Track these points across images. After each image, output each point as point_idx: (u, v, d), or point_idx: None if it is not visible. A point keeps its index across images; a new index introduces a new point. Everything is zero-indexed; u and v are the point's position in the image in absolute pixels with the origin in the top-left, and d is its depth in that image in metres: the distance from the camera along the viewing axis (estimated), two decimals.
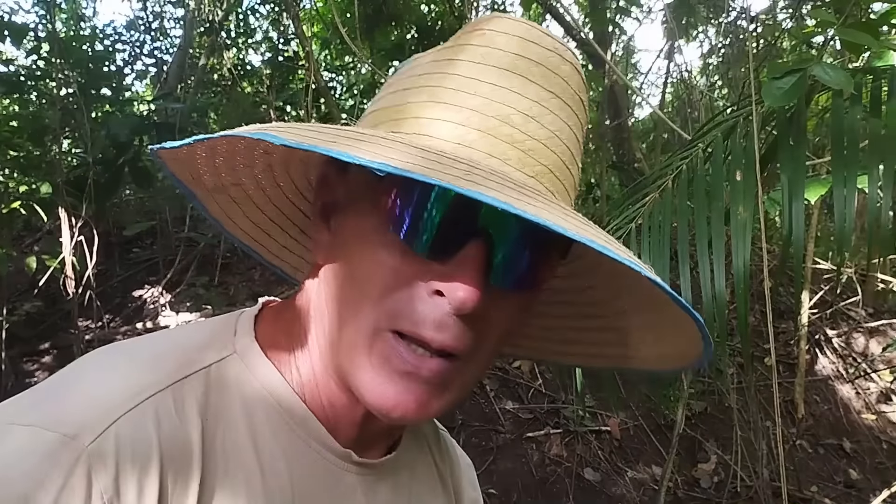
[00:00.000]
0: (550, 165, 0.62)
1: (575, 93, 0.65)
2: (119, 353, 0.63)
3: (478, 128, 0.60)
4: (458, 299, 0.56)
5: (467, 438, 4.11)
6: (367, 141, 0.55)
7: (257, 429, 0.63)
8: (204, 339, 0.66)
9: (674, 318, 0.62)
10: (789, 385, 4.70)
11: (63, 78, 5.09)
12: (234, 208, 0.76)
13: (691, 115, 5.15)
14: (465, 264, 0.57)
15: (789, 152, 1.70)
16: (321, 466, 0.67)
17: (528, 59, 0.63)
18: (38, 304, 4.98)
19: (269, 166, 0.70)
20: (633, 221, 1.93)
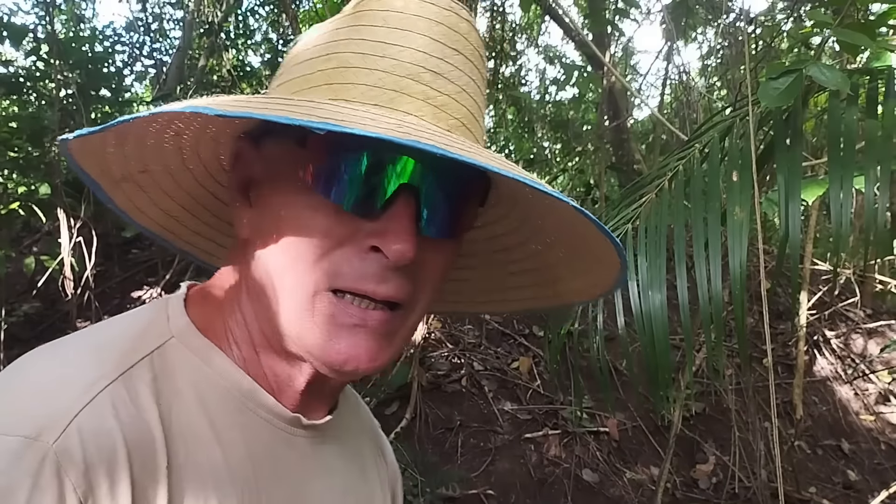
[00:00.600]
0: (462, 118, 0.64)
1: (475, 48, 0.68)
2: (59, 349, 0.63)
3: (392, 88, 0.61)
4: (396, 252, 0.59)
5: (465, 439, 4.11)
6: (297, 105, 0.56)
7: (209, 407, 0.64)
8: (139, 327, 0.66)
9: (588, 247, 0.66)
10: (788, 386, 4.70)
11: (62, 79, 5.09)
12: (142, 197, 0.76)
13: (689, 117, 5.16)
14: (398, 218, 0.60)
15: (786, 153, 1.71)
16: (274, 434, 0.69)
17: (429, 19, 0.65)
18: (36, 305, 4.98)
19: (178, 149, 0.70)
20: (631, 222, 1.93)
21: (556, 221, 0.70)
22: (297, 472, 0.71)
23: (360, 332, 0.62)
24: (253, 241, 0.66)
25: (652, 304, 1.74)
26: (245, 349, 0.68)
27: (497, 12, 8.93)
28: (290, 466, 0.70)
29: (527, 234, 0.77)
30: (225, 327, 0.69)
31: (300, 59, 0.67)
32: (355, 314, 0.61)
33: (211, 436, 0.63)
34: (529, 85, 10.94)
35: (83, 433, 0.54)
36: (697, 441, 4.34)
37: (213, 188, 0.77)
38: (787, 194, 1.66)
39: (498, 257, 0.82)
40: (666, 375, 1.77)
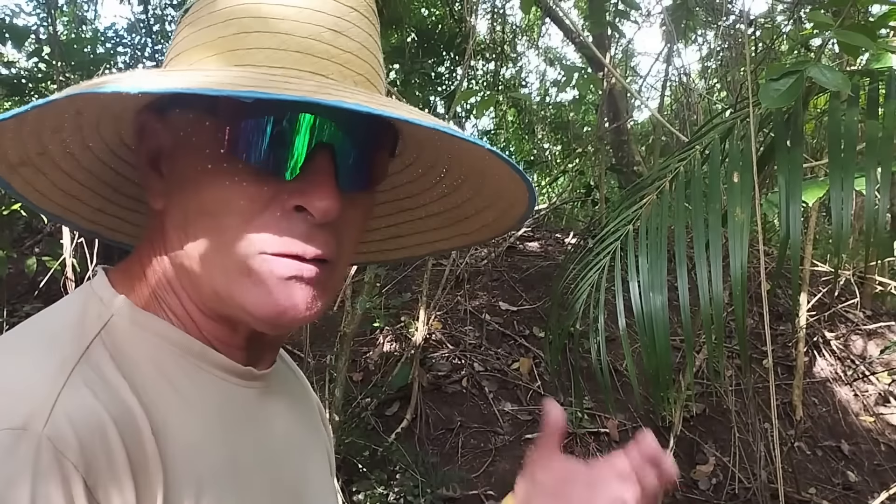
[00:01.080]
0: (365, 74, 0.66)
1: (367, 3, 0.69)
2: (10, 341, 0.63)
3: (295, 49, 0.62)
4: (321, 210, 0.60)
5: (466, 440, 4.12)
6: (204, 73, 0.57)
7: (168, 373, 0.65)
8: (76, 313, 0.65)
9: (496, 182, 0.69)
10: (787, 387, 4.70)
11: (64, 80, 5.10)
12: (41, 179, 0.74)
13: (690, 118, 5.16)
14: (319, 176, 0.61)
15: (786, 154, 1.71)
16: (230, 389, 0.70)
17: None
18: (38, 306, 4.98)
19: (78, 127, 0.69)
20: (632, 223, 1.94)
21: (466, 163, 0.72)
22: (258, 422, 0.73)
23: (295, 284, 0.62)
24: (170, 212, 0.67)
25: (653, 305, 1.75)
26: (182, 316, 0.68)
27: (497, 14, 8.95)
28: (251, 417, 0.72)
29: (434, 178, 0.79)
30: (157, 298, 0.68)
31: (197, 26, 0.67)
32: (288, 269, 0.62)
33: (177, 400, 0.64)
34: (530, 87, 10.95)
35: (70, 414, 0.53)
36: (697, 442, 4.34)
37: (115, 164, 0.76)
38: (788, 196, 1.67)
39: (405, 203, 0.84)
40: (666, 376, 1.77)
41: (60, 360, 0.58)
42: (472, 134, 9.49)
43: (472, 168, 0.73)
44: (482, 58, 8.95)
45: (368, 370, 4.57)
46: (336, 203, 0.61)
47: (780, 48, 5.90)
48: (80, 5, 8.89)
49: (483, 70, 9.26)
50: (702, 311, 1.69)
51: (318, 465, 0.86)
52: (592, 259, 2.13)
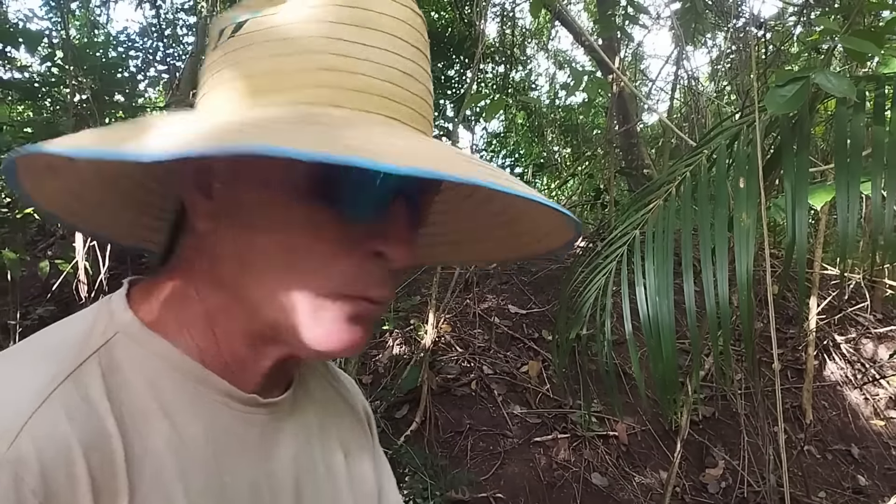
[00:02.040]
0: (426, 115, 0.66)
1: (426, 41, 0.69)
2: (6, 359, 0.62)
3: (378, 94, 0.62)
4: (400, 256, 0.62)
5: (475, 443, 4.13)
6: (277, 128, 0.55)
7: (162, 395, 0.64)
8: (84, 328, 0.65)
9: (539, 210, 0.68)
10: (797, 391, 4.70)
11: (77, 84, 5.14)
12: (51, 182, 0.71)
13: (698, 122, 5.16)
14: (398, 223, 0.63)
15: (793, 159, 1.72)
16: (230, 415, 0.69)
17: (392, 17, 0.65)
18: (51, 309, 5.03)
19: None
20: (638, 228, 1.95)
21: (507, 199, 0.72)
22: (259, 449, 0.72)
23: (358, 322, 0.64)
24: (222, 238, 0.65)
25: (659, 309, 1.76)
26: (200, 337, 0.67)
27: (507, 17, 8.96)
28: (251, 443, 0.71)
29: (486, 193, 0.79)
30: (177, 318, 0.68)
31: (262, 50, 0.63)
32: (351, 310, 0.63)
33: (165, 423, 0.63)
34: (539, 89, 10.96)
35: (36, 439, 0.53)
36: (707, 445, 4.34)
37: (143, 180, 0.76)
38: (794, 201, 1.68)
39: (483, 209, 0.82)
40: (673, 381, 1.78)
41: (46, 379, 0.58)
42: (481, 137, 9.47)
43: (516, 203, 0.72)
44: (492, 61, 8.97)
45: (378, 373, 4.59)
46: (412, 249, 0.63)
47: (789, 50, 5.89)
48: (93, 10, 8.95)
49: (493, 73, 9.29)
50: (708, 316, 1.70)
51: (338, 489, 0.83)
52: (600, 263, 2.14)
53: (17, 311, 4.42)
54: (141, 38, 8.10)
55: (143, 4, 8.50)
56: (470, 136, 16.16)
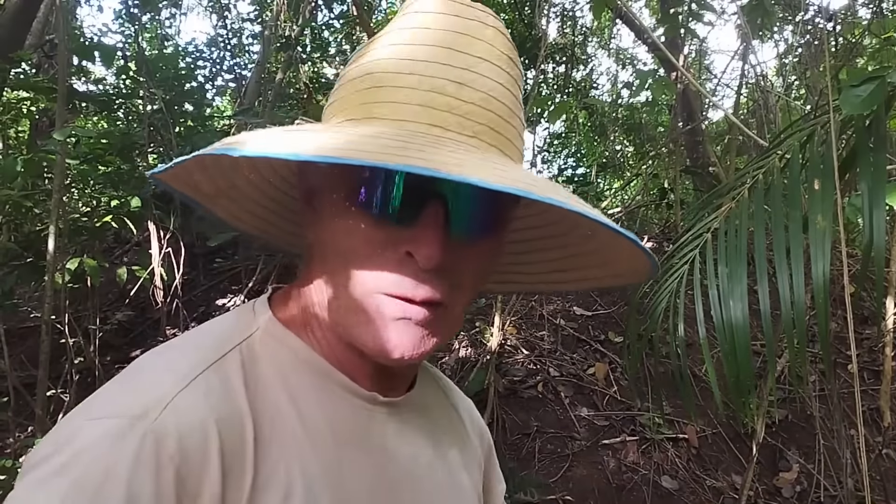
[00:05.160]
0: (489, 123, 0.69)
1: (502, 53, 0.73)
2: (165, 349, 0.72)
3: (417, 103, 0.67)
4: (424, 257, 0.66)
5: (542, 445, 4.13)
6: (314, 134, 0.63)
7: (291, 386, 0.72)
8: (230, 325, 0.75)
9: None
10: (875, 393, 4.56)
11: (149, 95, 5.31)
12: (238, 207, 0.84)
13: (767, 118, 5.06)
14: (427, 225, 0.66)
15: (869, 160, 1.69)
16: (352, 408, 0.76)
17: (453, 31, 0.71)
18: (129, 314, 5.21)
19: (255, 167, 0.79)
20: (710, 231, 1.94)
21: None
22: (378, 442, 0.77)
23: (405, 324, 0.68)
24: (315, 245, 0.74)
25: (733, 312, 1.75)
26: (321, 339, 0.75)
27: (567, 16, 8.92)
28: (371, 436, 0.77)
29: (573, 222, 0.82)
30: (303, 318, 0.76)
31: (344, 79, 0.74)
32: (398, 310, 0.67)
33: (292, 411, 0.71)
34: (601, 88, 10.87)
35: (178, 412, 0.62)
36: (780, 449, 4.26)
37: (294, 195, 0.84)
38: (871, 202, 1.65)
39: (556, 241, 0.87)
40: (747, 384, 1.77)
41: (192, 366, 0.67)
42: (543, 138, 9.44)
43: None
44: (553, 60, 8.94)
45: (445, 375, 4.63)
46: (438, 252, 0.65)
47: (862, 42, 5.72)
48: (163, 22, 9.22)
49: (554, 73, 9.25)
50: (783, 318, 1.69)
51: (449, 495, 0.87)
52: (673, 265, 2.14)
53: (96, 317, 4.59)
54: (208, 49, 8.31)
55: (211, 16, 8.73)
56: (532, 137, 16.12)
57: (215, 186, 0.79)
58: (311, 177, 0.74)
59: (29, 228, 4.89)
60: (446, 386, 1.01)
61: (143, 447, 0.59)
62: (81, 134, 4.31)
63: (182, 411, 0.62)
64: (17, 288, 4.71)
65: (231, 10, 8.86)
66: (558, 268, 0.91)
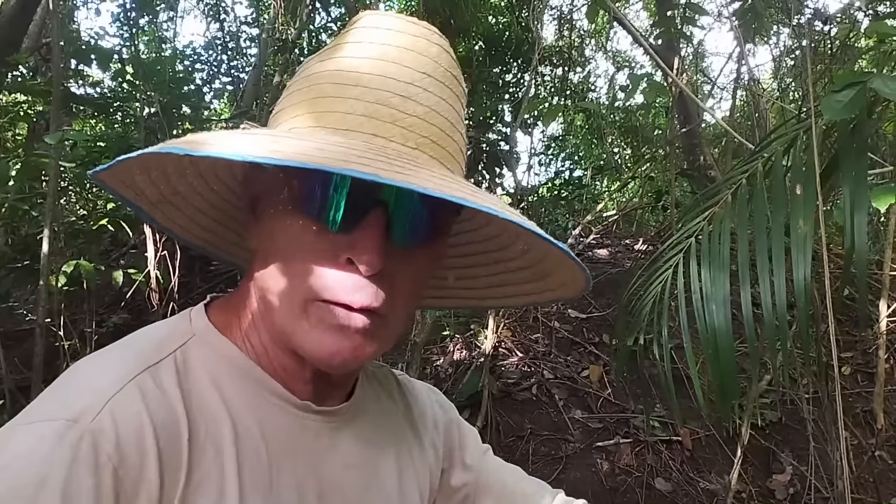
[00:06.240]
0: (431, 136, 0.71)
1: (446, 70, 0.75)
2: (100, 354, 0.73)
3: (362, 113, 0.69)
4: (364, 262, 0.66)
5: (536, 447, 4.14)
6: (259, 137, 0.64)
7: (225, 393, 0.73)
8: (166, 331, 0.76)
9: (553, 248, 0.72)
10: (868, 395, 4.57)
11: (146, 98, 5.32)
12: (180, 215, 0.85)
13: (759, 123, 5.07)
14: (367, 232, 0.67)
15: (851, 165, 1.70)
16: (285, 417, 0.76)
17: (399, 46, 0.73)
18: (125, 317, 5.21)
19: (198, 174, 0.79)
20: (695, 236, 1.95)
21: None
22: (310, 452, 0.78)
23: (344, 331, 0.68)
24: (258, 252, 0.75)
25: (716, 316, 1.76)
26: (258, 346, 0.76)
27: (564, 19, 8.94)
28: (302, 446, 0.77)
29: (511, 235, 0.83)
30: (243, 326, 0.77)
31: (290, 90, 0.76)
32: (338, 317, 0.68)
33: (226, 417, 0.72)
34: (598, 90, 10.89)
35: (115, 414, 0.63)
36: (773, 451, 4.27)
37: (239, 204, 0.85)
38: (853, 206, 1.66)
39: (496, 255, 0.89)
40: (731, 387, 1.78)
41: (129, 368, 0.68)
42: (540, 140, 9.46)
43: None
44: (549, 63, 8.95)
45: (439, 378, 4.64)
46: (378, 257, 0.66)
47: (856, 45, 5.73)
48: (160, 25, 9.23)
49: (551, 75, 9.27)
50: (765, 322, 1.70)
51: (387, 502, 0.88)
52: (659, 267, 2.15)
53: (92, 320, 4.59)
54: (206, 52, 8.33)
55: (208, 18, 8.74)
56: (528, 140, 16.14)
57: (158, 192, 0.79)
58: (255, 184, 0.75)
59: (25, 231, 4.89)
60: (396, 386, 1.00)
61: (80, 448, 0.60)
62: (76, 137, 4.32)
63: (118, 413, 0.63)
64: (14, 291, 4.72)
65: (229, 12, 8.86)
66: (500, 282, 0.92)
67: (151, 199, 0.80)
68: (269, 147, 0.60)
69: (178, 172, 0.77)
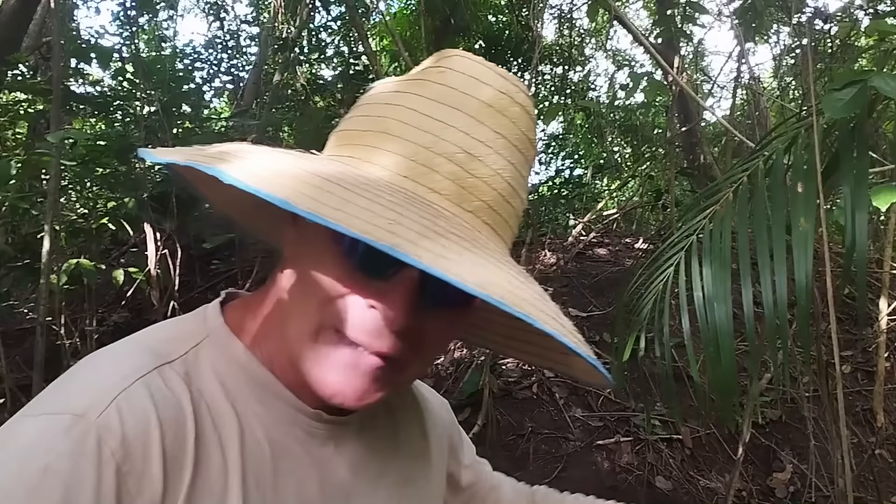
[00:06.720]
0: (489, 201, 0.68)
1: (522, 133, 0.71)
2: (112, 350, 0.72)
3: (423, 163, 0.66)
4: (388, 319, 0.65)
5: (537, 446, 4.14)
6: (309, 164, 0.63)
7: (232, 395, 0.73)
8: (180, 329, 0.76)
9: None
10: (868, 393, 4.57)
11: (146, 97, 5.33)
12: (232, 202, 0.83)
13: (759, 121, 5.07)
14: (399, 288, 0.65)
15: (851, 163, 1.70)
16: (293, 424, 0.76)
17: (480, 100, 0.69)
18: (125, 315, 5.22)
19: None
20: (695, 234, 1.95)
21: None
22: (316, 460, 0.77)
23: (351, 371, 0.67)
24: (287, 261, 0.74)
25: (717, 314, 1.77)
26: (274, 352, 0.75)
27: (565, 18, 8.93)
28: (309, 454, 0.77)
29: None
30: (258, 330, 0.76)
31: (361, 112, 0.73)
32: (349, 356, 0.67)
33: (234, 419, 0.71)
34: (598, 89, 10.89)
35: (121, 410, 0.63)
36: (774, 449, 4.27)
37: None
38: (854, 205, 1.66)
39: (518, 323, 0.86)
40: (731, 386, 1.78)
41: (140, 365, 0.68)
42: (540, 139, 9.46)
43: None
44: (550, 62, 8.96)
45: (440, 376, 4.64)
46: (404, 318, 0.65)
47: (856, 44, 5.74)
48: (160, 24, 9.23)
49: (551, 74, 9.27)
50: (766, 321, 1.70)
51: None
52: (659, 267, 2.15)
53: (93, 318, 4.60)
54: (206, 50, 8.32)
55: (209, 17, 8.73)
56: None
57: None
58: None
59: (26, 230, 4.90)
60: (411, 394, 0.99)
61: (85, 443, 0.60)
62: (77, 136, 4.33)
63: (125, 410, 0.63)
64: (14, 290, 4.72)
65: (229, 11, 8.86)
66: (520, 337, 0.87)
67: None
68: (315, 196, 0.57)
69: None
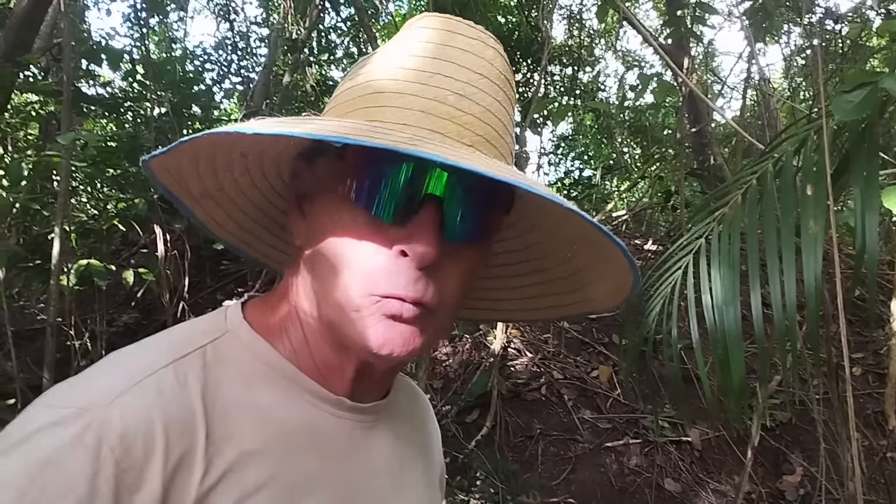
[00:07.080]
0: (486, 136, 0.72)
1: (500, 73, 0.76)
2: (134, 347, 0.73)
3: (419, 109, 0.70)
4: (418, 255, 0.67)
5: (545, 448, 4.14)
6: (321, 122, 0.65)
7: (252, 389, 0.73)
8: (200, 327, 0.76)
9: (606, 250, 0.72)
10: (879, 396, 4.55)
11: (157, 98, 5.35)
12: (220, 212, 0.86)
13: (769, 122, 5.05)
14: (422, 224, 0.67)
15: (861, 166, 1.69)
16: (318, 414, 0.77)
17: (457, 47, 0.74)
18: (135, 316, 5.24)
19: (245, 169, 0.80)
20: (705, 237, 1.95)
21: (575, 227, 0.76)
22: (341, 451, 0.78)
23: (396, 321, 0.69)
24: (305, 248, 0.75)
25: (726, 317, 1.76)
26: (296, 342, 0.76)
27: (574, 19, 8.92)
28: (339, 444, 0.78)
29: (558, 242, 0.84)
30: (279, 324, 0.77)
31: (344, 86, 0.77)
32: (391, 308, 0.68)
33: (255, 415, 0.72)
34: (608, 90, 10.87)
35: (125, 408, 0.63)
36: (784, 452, 4.25)
37: (280, 204, 0.86)
38: (864, 207, 1.65)
39: (533, 265, 0.89)
40: (741, 389, 1.77)
41: (150, 362, 0.69)
42: (549, 140, 9.45)
43: (580, 231, 0.76)
44: (559, 63, 8.94)
45: (448, 378, 4.65)
46: (433, 250, 0.67)
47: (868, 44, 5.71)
48: (171, 26, 9.27)
49: (560, 75, 9.26)
50: (776, 323, 1.69)
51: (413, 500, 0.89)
52: (669, 267, 2.14)
53: (103, 319, 4.61)
54: (216, 52, 8.36)
55: (219, 19, 8.76)
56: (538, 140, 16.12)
57: (202, 186, 0.80)
58: (305, 180, 0.76)
59: (36, 231, 4.92)
60: (421, 400, 1.02)
61: (85, 436, 0.61)
62: (88, 137, 4.34)
63: (128, 407, 0.64)
64: (25, 290, 4.75)
65: (239, 13, 8.89)
66: (533, 293, 0.92)
67: (194, 194, 0.81)
68: (333, 128, 0.61)
69: (226, 166, 0.78)
